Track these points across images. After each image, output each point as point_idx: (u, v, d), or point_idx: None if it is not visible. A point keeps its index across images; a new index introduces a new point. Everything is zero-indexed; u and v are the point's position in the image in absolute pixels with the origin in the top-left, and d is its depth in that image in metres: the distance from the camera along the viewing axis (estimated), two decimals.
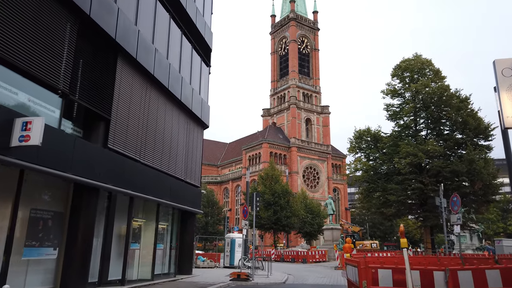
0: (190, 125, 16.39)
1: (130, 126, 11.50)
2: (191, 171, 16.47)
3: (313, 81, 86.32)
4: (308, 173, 78.39)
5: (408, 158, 24.81)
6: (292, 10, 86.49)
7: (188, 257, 16.49)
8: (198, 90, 17.28)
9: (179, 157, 15.11)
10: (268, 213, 46.25)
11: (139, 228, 12.79)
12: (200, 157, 17.68)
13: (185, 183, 15.69)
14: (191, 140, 16.53)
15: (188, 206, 15.73)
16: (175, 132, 14.74)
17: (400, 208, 27.27)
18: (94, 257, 10.49)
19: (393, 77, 30.43)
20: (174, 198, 14.35)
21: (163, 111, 13.78)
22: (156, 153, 13.11)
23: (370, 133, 30.51)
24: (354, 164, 29.72)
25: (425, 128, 29.21)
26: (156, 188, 12.92)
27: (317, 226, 53.06)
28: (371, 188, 28.29)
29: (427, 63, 29.23)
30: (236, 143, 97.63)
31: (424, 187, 25.23)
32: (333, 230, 38.56)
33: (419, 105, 28.07)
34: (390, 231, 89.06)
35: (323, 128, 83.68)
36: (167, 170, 13.88)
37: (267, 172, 49.64)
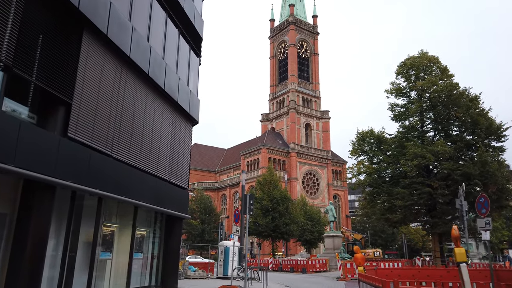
0: (176, 119, 14.66)
1: (100, 114, 9.75)
2: (177, 171, 14.70)
3: (312, 85, 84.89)
4: (307, 179, 76.59)
5: (416, 160, 23.06)
6: (292, 14, 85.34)
7: (173, 268, 14.65)
8: (185, 81, 15.58)
9: (163, 154, 13.35)
10: (266, 220, 44.36)
11: (112, 234, 10.98)
12: (188, 156, 15.91)
13: (169, 184, 13.90)
14: (178, 136, 14.78)
15: (173, 210, 13.93)
16: (157, 125, 12.99)
17: (406, 214, 25.42)
18: (53, 269, 8.72)
19: (397, 75, 28.81)
20: (156, 200, 12.57)
21: (142, 100, 12.05)
22: (134, 148, 11.35)
23: (373, 134, 28.81)
24: (357, 167, 27.93)
25: (432, 129, 27.51)
26: (133, 188, 11.14)
27: (317, 234, 51.12)
28: (375, 192, 26.51)
29: (434, 60, 27.62)
30: (235, 149, 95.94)
31: (433, 191, 23.44)
32: (334, 237, 36.62)
33: (426, 104, 26.39)
34: (391, 239, 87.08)
35: (323, 133, 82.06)
36: (147, 168, 12.11)
37: (265, 177, 47.83)
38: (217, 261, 23.84)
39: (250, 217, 47.37)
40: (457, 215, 26.43)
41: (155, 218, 13.94)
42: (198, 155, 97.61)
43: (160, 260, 14.06)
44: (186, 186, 15.68)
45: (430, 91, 25.84)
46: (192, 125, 16.38)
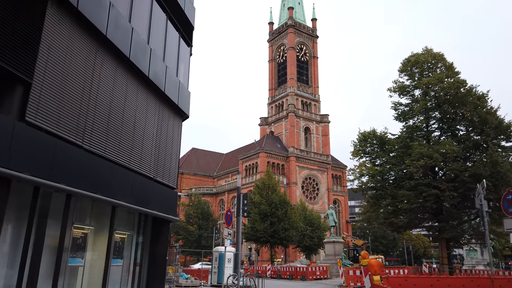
0: (163, 112, 13.35)
1: (68, 98, 8.45)
2: (164, 169, 13.36)
3: (312, 89, 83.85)
4: (307, 184, 75.22)
5: (422, 160, 21.74)
6: (291, 17, 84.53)
7: (159, 275, 13.25)
8: (174, 71, 14.31)
9: (147, 149, 12.02)
10: (265, 225, 42.91)
11: (84, 237, 9.62)
12: (177, 152, 14.59)
13: (155, 182, 12.57)
14: (165, 130, 13.47)
15: (159, 211, 12.56)
16: (140, 116, 11.68)
17: (412, 217, 24.03)
18: (10, 278, 7.38)
19: (401, 72, 27.59)
20: (138, 200, 11.21)
21: (122, 86, 10.75)
22: (111, 140, 10.04)
23: (375, 135, 27.52)
24: (359, 169, 26.58)
25: (438, 129, 26.21)
26: (110, 185, 9.80)
27: (317, 240, 49.67)
28: (379, 195, 25.13)
29: (439, 57, 26.41)
30: (233, 153, 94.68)
31: (440, 194, 22.09)
32: (335, 243, 35.17)
33: (431, 103, 25.12)
34: (392, 245, 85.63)
35: (323, 137, 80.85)
36: (128, 164, 10.78)
37: (263, 181, 46.45)
38: (211, 268, 22.42)
39: (248, 222, 46.17)
40: (466, 219, 25.21)
41: (138, 220, 12.58)
42: (196, 159, 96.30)
43: (145, 267, 12.68)
44: (175, 185, 14.33)
45: (436, 88, 24.61)
46: (182, 119, 15.08)
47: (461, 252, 35.24)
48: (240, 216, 14.11)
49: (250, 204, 45.90)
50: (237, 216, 14.33)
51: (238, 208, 14.30)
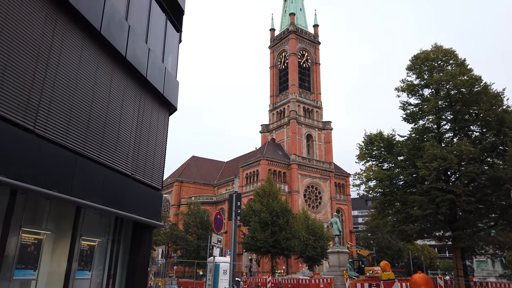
0: (145, 100, 11.67)
1: (15, 68, 6.79)
2: (146, 166, 11.63)
3: (314, 95, 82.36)
4: (309, 192, 73.25)
5: (435, 162, 19.91)
6: (292, 23, 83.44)
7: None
8: (159, 56, 12.68)
9: (123, 141, 10.31)
10: (265, 234, 40.91)
11: (38, 244, 7.85)
12: (163, 149, 12.86)
13: (134, 181, 10.82)
14: (147, 121, 11.76)
15: (139, 215, 10.79)
16: (116, 101, 9.99)
17: (424, 225, 22.10)
18: None
19: (409, 70, 25.89)
20: (110, 200, 9.48)
21: (91, 64, 9.08)
22: (75, 126, 8.34)
23: (382, 137, 25.75)
24: (366, 173, 24.73)
25: (450, 130, 24.41)
26: (71, 181, 8.07)
27: (320, 250, 47.56)
28: (387, 201, 23.24)
29: (450, 53, 24.72)
30: (234, 161, 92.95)
31: (455, 199, 20.22)
32: (339, 253, 33.11)
33: (443, 102, 23.38)
34: (398, 255, 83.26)
35: (325, 144, 79.07)
36: (98, 156, 9.06)
37: (264, 189, 44.57)
38: (205, 280, 20.53)
39: (248, 231, 44.15)
40: (484, 227, 23.27)
41: (114, 224, 10.81)
42: (196, 168, 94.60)
43: (122, 279, 10.87)
44: (160, 186, 12.58)
45: (448, 86, 22.91)
46: (168, 111, 13.38)
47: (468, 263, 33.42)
48: (233, 219, 12.32)
49: (250, 212, 43.98)
50: (230, 219, 12.54)
51: (230, 210, 12.54)
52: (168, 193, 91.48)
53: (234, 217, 12.39)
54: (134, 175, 10.87)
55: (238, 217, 12.82)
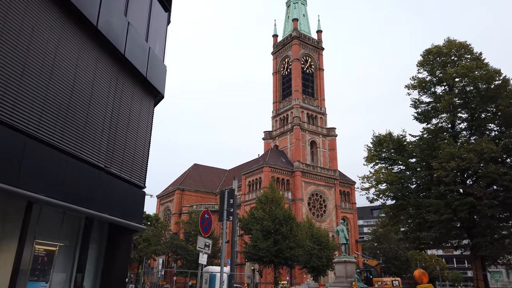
0: (124, 82, 10.05)
1: None
2: (125, 159, 9.97)
3: (317, 101, 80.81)
4: (314, 200, 71.24)
5: (454, 162, 18.10)
6: (295, 29, 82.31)
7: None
8: (143, 34, 11.11)
9: (94, 128, 8.67)
10: (268, 243, 38.91)
11: None
12: (146, 141, 11.20)
13: (108, 175, 9.15)
14: (126, 106, 10.13)
15: (114, 215, 9.08)
16: (84, 79, 8.38)
17: (441, 232, 20.19)
18: None
19: (420, 66, 24.23)
20: (77, 196, 7.83)
21: (52, 29, 7.48)
22: (26, 103, 6.71)
23: (392, 138, 24.00)
24: (376, 175, 22.92)
25: (467, 128, 22.61)
26: (18, 170, 6.42)
27: (325, 260, 45.41)
28: (399, 205, 21.39)
29: (465, 47, 23.03)
30: (236, 169, 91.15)
31: (476, 202, 18.35)
32: (346, 263, 31.07)
33: (458, 99, 21.63)
34: (405, 266, 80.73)
35: (330, 151, 77.23)
36: (57, 141, 7.42)
37: (266, 195, 42.70)
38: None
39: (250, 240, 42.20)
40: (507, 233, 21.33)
41: (84, 226, 9.11)
42: (198, 176, 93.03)
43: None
44: (142, 183, 10.89)
45: (464, 82, 21.21)
46: (154, 98, 11.74)
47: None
48: (224, 219, 10.57)
49: (252, 220, 42.12)
50: (220, 220, 10.77)
51: (221, 209, 10.78)
52: (169, 202, 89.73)
53: (225, 217, 10.64)
54: (109, 168, 9.20)
55: (231, 217, 11.07)
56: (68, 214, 8.38)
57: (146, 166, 11.14)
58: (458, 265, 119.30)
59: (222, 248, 11.69)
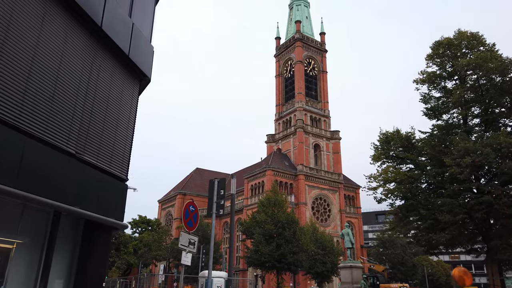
0: (102, 59, 8.89)
1: None
2: (103, 146, 8.78)
3: (321, 104, 79.61)
4: (317, 204, 69.79)
5: (469, 157, 16.78)
6: (298, 31, 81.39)
7: None
8: (126, 8, 9.99)
9: (63, 106, 7.49)
10: (270, 248, 37.53)
11: None
12: (130, 127, 10.01)
13: (80, 162, 7.95)
14: (105, 88, 8.96)
15: (87, 209, 7.87)
16: (50, 48, 7.21)
17: (455, 233, 18.80)
18: None
19: (429, 59, 22.99)
20: (38, 185, 6.64)
21: None
22: None
23: (400, 136, 22.72)
24: (384, 174, 21.60)
25: (480, 124, 21.29)
26: None
27: (330, 265, 43.88)
28: (409, 205, 20.03)
29: (477, 38, 21.77)
30: (239, 173, 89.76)
31: (494, 201, 16.99)
32: (352, 268, 29.66)
33: (471, 92, 20.35)
34: (412, 272, 78.99)
35: (334, 155, 75.86)
36: (14, 120, 6.25)
37: (269, 198, 41.37)
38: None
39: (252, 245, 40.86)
40: None
41: (53, 221, 7.89)
42: (200, 180, 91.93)
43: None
44: (124, 175, 9.68)
45: (478, 73, 19.92)
46: (139, 81, 10.57)
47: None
48: (213, 213, 9.26)
49: (253, 223, 40.81)
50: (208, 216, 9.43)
51: (210, 201, 9.45)
52: (170, 207, 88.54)
53: (214, 211, 9.33)
54: (81, 155, 8.00)
55: (221, 211, 9.78)
56: (30, 206, 7.17)
57: (128, 156, 9.93)
58: None
59: (210, 248, 10.42)
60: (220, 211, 9.59)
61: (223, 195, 9.65)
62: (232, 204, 11.78)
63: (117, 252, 62.31)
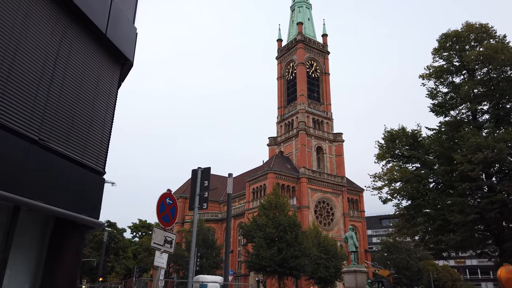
0: (74, 37, 7.91)
1: None
2: (75, 134, 7.79)
3: (323, 106, 78.64)
4: (320, 208, 68.58)
5: (481, 153, 15.69)
6: (300, 32, 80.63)
7: None
8: None
9: (22, 84, 6.51)
10: (271, 252, 36.38)
11: None
12: (108, 116, 9.01)
13: (47, 151, 6.96)
14: (79, 70, 7.98)
15: (57, 206, 6.87)
16: (7, 19, 6.24)
17: (467, 235, 17.65)
18: None
19: (436, 54, 21.96)
20: None
21: None
22: None
23: (406, 133, 21.65)
24: (389, 173, 20.51)
25: (490, 120, 20.19)
26: None
27: (333, 270, 42.66)
28: (417, 205, 18.91)
29: (486, 30, 20.72)
30: (241, 177, 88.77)
31: (508, 200, 15.88)
32: (356, 273, 28.45)
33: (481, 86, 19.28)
34: (417, 277, 77.51)
35: (336, 157, 74.73)
36: None
37: (270, 200, 40.27)
38: None
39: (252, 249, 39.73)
40: None
41: (13, 218, 6.89)
42: None
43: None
44: (101, 168, 8.66)
45: (488, 66, 18.88)
46: (120, 64, 9.58)
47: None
48: (195, 207, 8.13)
49: (254, 227, 39.69)
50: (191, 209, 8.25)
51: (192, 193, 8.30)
52: None
53: (196, 204, 8.21)
54: (45, 142, 6.99)
55: (204, 205, 8.64)
56: None
57: (106, 147, 8.92)
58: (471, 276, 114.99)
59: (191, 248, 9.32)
60: (203, 205, 8.47)
61: (207, 186, 8.54)
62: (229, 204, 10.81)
63: (116, 257, 61.24)
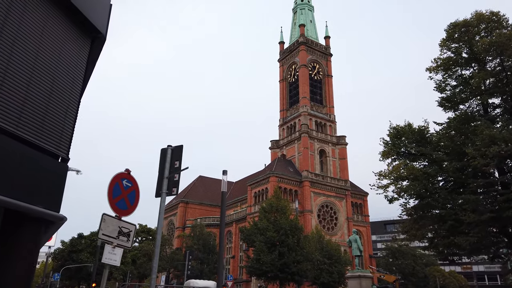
0: (32, 3, 6.79)
1: None
2: (29, 113, 6.65)
3: (326, 109, 77.45)
4: (324, 212, 67.13)
5: (496, 146, 14.45)
6: (302, 34, 79.73)
7: None
8: None
9: None
10: (272, 256, 35.04)
11: None
12: (74, 95, 7.86)
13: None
14: (36, 39, 6.85)
15: (4, 194, 5.73)
16: None
17: (481, 236, 16.33)
18: None
19: (443, 45, 20.77)
20: None
21: None
22: None
23: (412, 130, 20.43)
24: (395, 170, 19.25)
25: (503, 113, 18.94)
26: None
27: (337, 275, 41.19)
28: (426, 205, 17.63)
29: (497, 18, 19.51)
30: (242, 181, 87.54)
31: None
32: (361, 278, 27.11)
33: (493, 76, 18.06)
34: (423, 283, 75.65)
35: (340, 161, 73.38)
36: None
37: (271, 203, 38.99)
38: None
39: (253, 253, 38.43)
40: None
41: None
42: (202, 188, 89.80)
43: None
44: (64, 153, 7.50)
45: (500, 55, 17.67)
46: (90, 38, 8.44)
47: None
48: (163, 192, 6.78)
49: (255, 230, 38.39)
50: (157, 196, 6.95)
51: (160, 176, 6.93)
52: (172, 215, 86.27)
53: (165, 190, 6.85)
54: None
55: (174, 190, 7.34)
56: None
57: (70, 130, 7.74)
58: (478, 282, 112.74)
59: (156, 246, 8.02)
60: (173, 190, 7.23)
61: (178, 167, 7.30)
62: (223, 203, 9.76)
63: None
